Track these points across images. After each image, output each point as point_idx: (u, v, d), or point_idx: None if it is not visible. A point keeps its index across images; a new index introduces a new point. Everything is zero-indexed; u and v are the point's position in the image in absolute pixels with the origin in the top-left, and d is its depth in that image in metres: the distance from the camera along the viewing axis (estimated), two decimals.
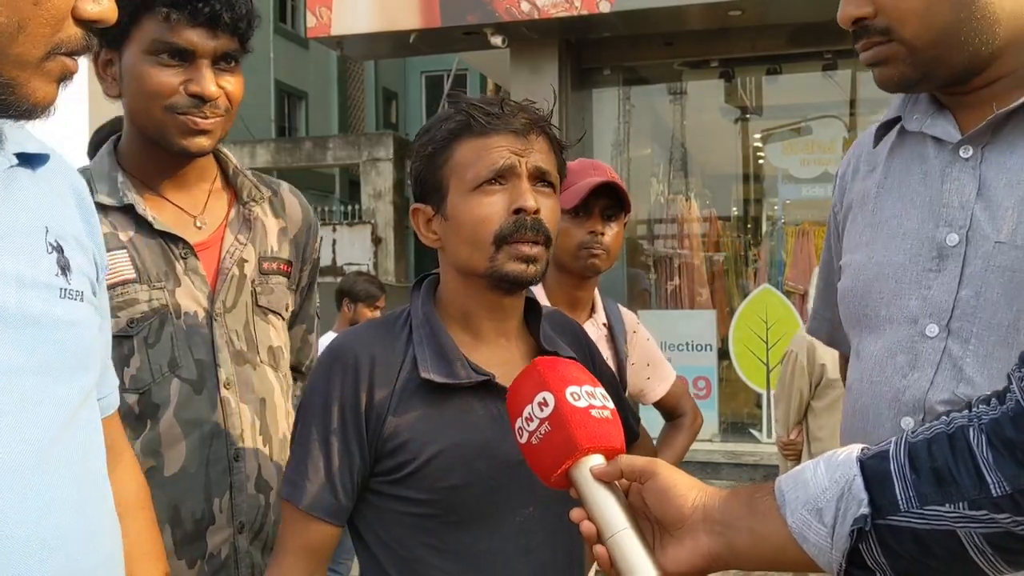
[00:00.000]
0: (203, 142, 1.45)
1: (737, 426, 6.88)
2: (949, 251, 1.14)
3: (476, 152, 1.19)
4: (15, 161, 0.91)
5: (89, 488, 0.93)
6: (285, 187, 1.68)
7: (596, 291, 2.11)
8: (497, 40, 6.21)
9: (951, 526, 0.82)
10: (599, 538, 0.93)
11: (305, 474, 1.20)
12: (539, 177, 1.22)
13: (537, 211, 1.18)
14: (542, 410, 0.98)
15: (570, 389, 0.99)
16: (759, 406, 6.62)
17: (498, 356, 1.25)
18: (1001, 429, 0.82)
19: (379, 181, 12.66)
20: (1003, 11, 1.11)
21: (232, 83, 1.46)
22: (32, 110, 0.84)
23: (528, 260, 1.19)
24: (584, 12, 5.91)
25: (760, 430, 6.56)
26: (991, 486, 0.80)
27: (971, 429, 0.84)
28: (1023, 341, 1.06)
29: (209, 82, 1.41)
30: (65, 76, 0.85)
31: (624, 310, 2.20)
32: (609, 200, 1.97)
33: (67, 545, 0.86)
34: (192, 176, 1.53)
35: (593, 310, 2.08)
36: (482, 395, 1.20)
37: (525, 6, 5.98)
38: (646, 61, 7.03)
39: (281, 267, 1.58)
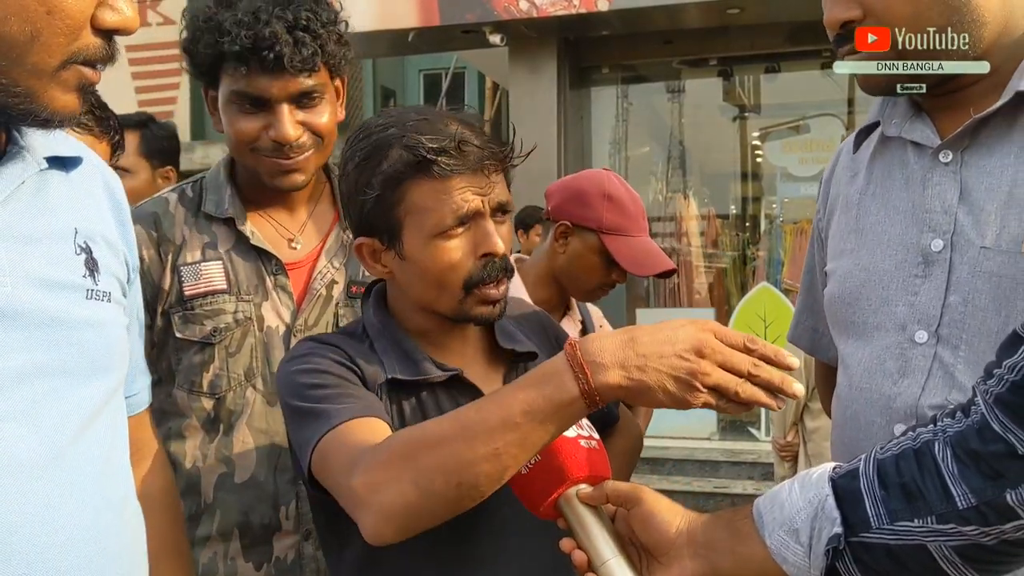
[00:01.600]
0: (296, 179, 1.48)
1: (736, 424, 6.89)
2: (935, 257, 1.14)
3: (436, 197, 1.11)
4: (45, 164, 0.92)
5: (110, 486, 0.94)
6: None
7: None
8: (496, 39, 6.21)
9: (921, 540, 0.84)
10: (590, 566, 0.95)
11: (334, 403, 1.08)
12: (500, 210, 1.17)
13: (503, 251, 1.16)
14: None
15: None
16: None
17: (458, 357, 1.24)
18: (966, 442, 0.84)
19: None
20: (990, 13, 1.12)
21: (318, 117, 1.46)
22: (51, 119, 0.84)
23: (495, 302, 1.18)
24: (583, 10, 5.91)
25: (758, 428, 6.57)
26: (957, 499, 0.83)
27: (936, 443, 0.86)
28: None
29: (286, 127, 1.43)
30: (84, 85, 0.85)
31: (589, 305, 2.27)
32: None
33: (85, 542, 0.87)
34: (298, 197, 1.57)
35: (568, 307, 2.12)
36: (451, 391, 1.20)
37: (524, 4, 5.97)
38: (645, 59, 7.04)
39: None
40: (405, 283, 1.19)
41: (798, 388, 0.90)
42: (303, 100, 1.45)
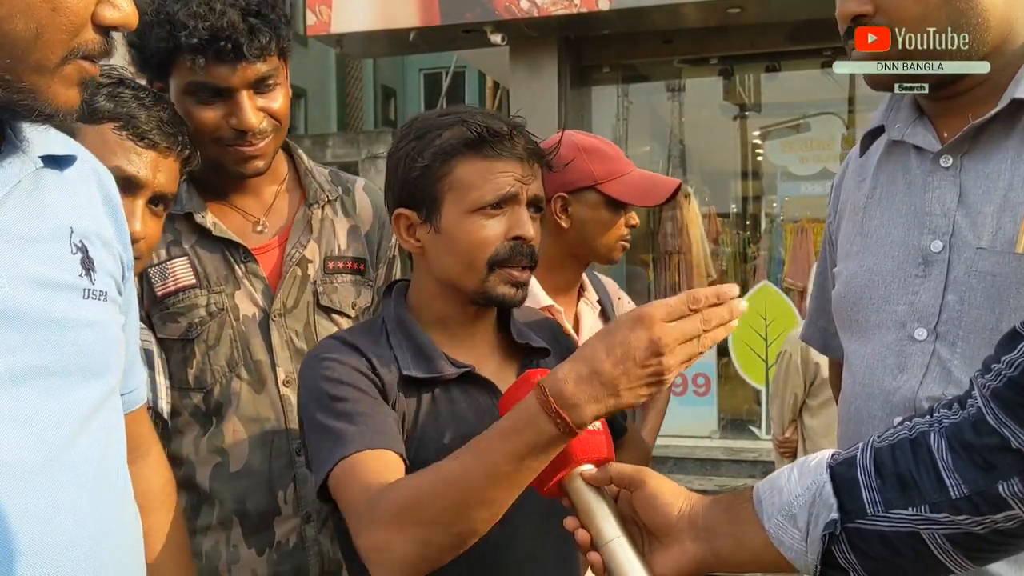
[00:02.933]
0: (257, 164, 1.50)
1: (736, 423, 6.90)
2: (934, 257, 1.18)
3: (481, 174, 1.19)
4: (40, 164, 0.92)
5: (107, 484, 0.95)
6: (360, 185, 1.69)
7: None
8: (496, 38, 6.22)
9: (915, 528, 0.86)
10: (593, 545, 0.97)
11: (353, 424, 1.11)
12: (534, 204, 1.23)
13: (533, 239, 1.21)
14: None
15: None
16: (758, 403, 6.64)
17: (473, 352, 1.27)
18: (961, 433, 0.86)
19: (378, 179, 12.56)
20: (994, 18, 1.14)
21: (275, 101, 1.48)
22: (54, 114, 0.84)
23: (518, 284, 1.22)
24: (583, 10, 5.92)
25: (759, 427, 6.58)
26: (950, 489, 0.85)
27: (932, 434, 0.88)
28: None
29: (248, 114, 1.44)
30: (84, 79, 0.86)
31: (604, 279, 2.22)
32: None
33: (83, 541, 0.88)
34: (260, 181, 1.57)
35: (583, 289, 2.07)
36: (464, 386, 1.23)
37: (524, 4, 5.98)
38: (645, 59, 7.04)
39: (349, 265, 1.59)
40: (434, 258, 1.23)
41: (742, 305, 0.94)
42: (260, 86, 1.46)
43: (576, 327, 2.00)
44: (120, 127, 1.28)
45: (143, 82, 1.44)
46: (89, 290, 0.94)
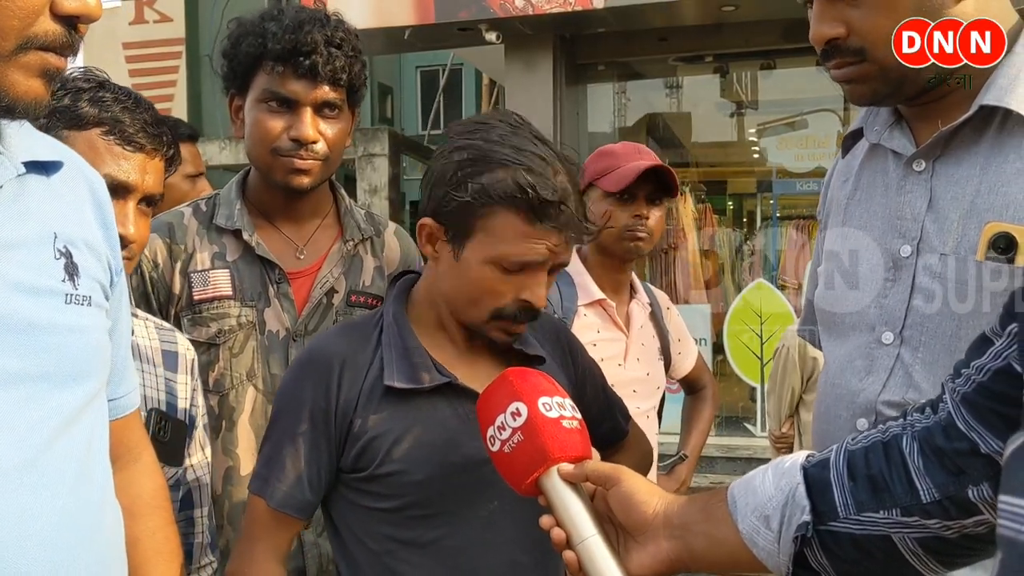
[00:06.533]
0: (303, 180, 1.62)
1: (731, 420, 6.90)
2: (903, 262, 1.20)
3: (516, 234, 1.15)
4: (23, 169, 0.91)
5: (86, 488, 0.94)
6: (391, 229, 1.82)
7: (632, 273, 2.22)
8: (491, 36, 6.20)
9: (885, 531, 0.87)
10: (568, 544, 0.97)
11: (274, 471, 1.24)
12: (557, 267, 1.22)
13: (542, 305, 1.21)
14: (515, 419, 1.01)
15: (542, 400, 1.02)
16: (753, 400, 6.64)
17: (467, 355, 1.29)
18: (932, 438, 0.86)
19: (375, 176, 12.61)
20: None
21: (332, 128, 1.62)
22: (14, 105, 0.82)
23: (513, 335, 1.24)
24: (578, 8, 5.91)
25: (754, 424, 6.59)
26: (921, 493, 0.85)
27: (904, 437, 0.89)
28: (964, 349, 1.11)
29: (307, 127, 1.58)
30: (48, 72, 0.83)
31: (654, 289, 2.33)
32: (654, 184, 2.06)
33: (60, 543, 0.88)
34: (305, 211, 1.71)
35: (634, 290, 2.18)
36: (447, 395, 1.24)
37: (519, 2, 5.98)
38: (640, 56, 7.03)
39: (370, 301, 1.70)
40: (445, 276, 1.24)
41: None
42: (323, 109, 1.60)
43: (627, 324, 2.11)
44: (106, 132, 1.28)
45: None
46: (72, 295, 0.93)
